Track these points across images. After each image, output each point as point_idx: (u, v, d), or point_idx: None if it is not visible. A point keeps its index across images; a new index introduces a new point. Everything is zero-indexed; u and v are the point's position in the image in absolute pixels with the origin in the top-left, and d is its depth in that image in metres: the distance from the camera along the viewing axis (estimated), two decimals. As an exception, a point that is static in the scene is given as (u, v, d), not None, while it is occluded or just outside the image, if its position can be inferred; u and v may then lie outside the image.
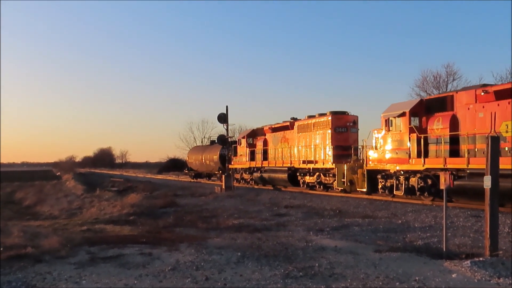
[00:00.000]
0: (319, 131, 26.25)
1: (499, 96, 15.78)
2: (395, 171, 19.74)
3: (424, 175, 18.43)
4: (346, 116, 25.82)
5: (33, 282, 7.07)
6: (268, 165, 30.84)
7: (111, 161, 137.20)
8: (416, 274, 7.09)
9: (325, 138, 25.64)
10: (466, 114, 16.94)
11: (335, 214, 15.47)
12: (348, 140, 25.04)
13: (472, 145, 16.49)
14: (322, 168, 25.51)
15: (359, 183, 22.03)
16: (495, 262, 7.48)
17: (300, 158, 27.37)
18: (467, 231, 11.44)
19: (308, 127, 27.40)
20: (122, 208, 18.55)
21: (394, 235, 11.23)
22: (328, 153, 25.05)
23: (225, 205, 19.45)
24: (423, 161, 18.01)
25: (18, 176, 61.23)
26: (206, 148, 46.17)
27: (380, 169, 20.60)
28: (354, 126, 25.59)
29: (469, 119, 16.76)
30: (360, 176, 21.99)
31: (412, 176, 19.00)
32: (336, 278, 7.08)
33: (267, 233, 11.65)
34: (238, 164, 35.33)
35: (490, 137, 8.51)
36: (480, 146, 16.02)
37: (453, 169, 16.71)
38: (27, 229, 11.75)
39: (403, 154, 19.27)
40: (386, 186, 20.38)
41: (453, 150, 17.25)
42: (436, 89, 44.08)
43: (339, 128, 25.22)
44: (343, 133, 25.21)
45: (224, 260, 8.46)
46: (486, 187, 8.21)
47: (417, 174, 18.66)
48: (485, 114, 16.13)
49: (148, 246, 9.88)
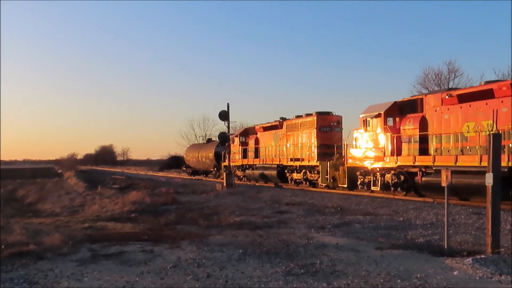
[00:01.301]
0: (305, 131, 27.91)
1: (461, 99, 17.33)
2: (372, 168, 21.21)
3: (397, 171, 19.83)
4: (330, 116, 27.39)
5: (35, 279, 7.09)
6: (259, 163, 32.55)
7: (113, 159, 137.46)
8: (418, 272, 7.09)
9: (311, 137, 27.26)
10: (433, 115, 18.52)
11: (337, 212, 15.47)
12: (332, 139, 26.55)
13: (439, 144, 18.06)
14: (308, 166, 27.10)
15: (341, 179, 23.33)
16: (497, 260, 7.48)
17: (288, 156, 29.03)
18: (468, 229, 11.44)
19: (295, 127, 29.05)
20: (124, 206, 18.57)
21: (396, 233, 11.23)
22: (314, 151, 26.64)
23: (226, 203, 19.47)
24: (396, 159, 19.59)
25: (20, 173, 61.30)
26: (202, 146, 47.23)
27: (358, 166, 22.09)
28: (338, 126, 27.19)
29: (436, 120, 18.34)
30: (341, 173, 23.34)
31: (387, 173, 20.40)
32: (337, 275, 7.09)
33: (268, 231, 11.66)
34: (231, 161, 36.05)
35: (492, 134, 8.49)
36: (445, 145, 17.74)
37: (422, 166, 18.24)
38: (29, 227, 11.78)
39: (379, 152, 20.82)
40: (365, 182, 21.85)
41: (423, 149, 18.74)
42: (438, 87, 43.96)
43: (323, 127, 26.88)
44: (328, 133, 26.86)
45: (226, 257, 8.47)
46: (488, 184, 8.20)
47: (391, 171, 20.12)
48: (450, 116, 17.77)
49: (150, 243, 9.90)
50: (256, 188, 27.51)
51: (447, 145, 17.71)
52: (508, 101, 15.53)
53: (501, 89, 15.95)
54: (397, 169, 19.75)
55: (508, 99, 15.55)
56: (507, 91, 15.69)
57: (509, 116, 15.45)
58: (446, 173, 9.02)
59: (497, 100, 15.99)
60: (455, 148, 17.43)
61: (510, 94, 15.61)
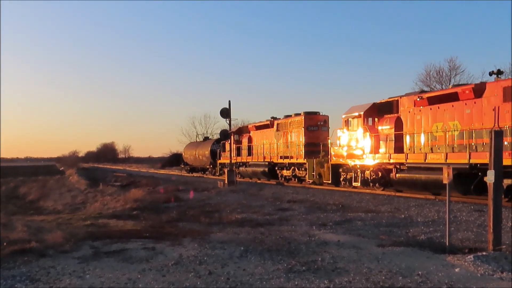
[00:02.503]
0: (294, 130, 29.30)
1: (431, 101, 18.63)
2: (353, 165, 22.60)
3: (376, 168, 21.14)
4: (318, 116, 28.76)
5: (37, 277, 7.10)
6: (252, 160, 33.89)
7: (114, 156, 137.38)
8: (419, 269, 7.09)
9: (299, 136, 28.61)
10: (407, 116, 19.92)
11: (338, 209, 15.47)
12: (319, 137, 27.58)
13: (412, 143, 19.42)
14: (296, 163, 28.50)
15: (326, 176, 24.81)
16: (498, 257, 7.48)
17: (278, 154, 30.43)
18: (470, 226, 11.42)
19: (285, 126, 30.39)
20: (125, 203, 18.61)
21: (397, 230, 11.22)
22: (301, 149, 27.95)
23: (228, 200, 19.47)
24: (374, 157, 21.02)
25: (21, 171, 61.40)
26: (199, 144, 48.15)
27: (341, 163, 23.62)
28: (325, 125, 28.55)
29: (410, 120, 19.74)
30: (326, 170, 24.85)
31: (366, 170, 21.78)
32: (339, 272, 7.09)
33: (270, 228, 11.66)
34: (226, 159, 37.49)
35: (494, 131, 8.47)
36: (418, 143, 19.09)
37: (397, 163, 19.77)
38: (31, 224, 11.80)
39: (359, 150, 22.18)
40: (347, 179, 23.24)
41: (398, 147, 20.06)
42: (439, 84, 43.89)
43: (311, 127, 28.22)
44: (315, 131, 28.15)
45: (227, 254, 8.48)
46: (489, 182, 8.19)
47: (370, 168, 21.48)
48: (421, 117, 19.11)
49: (151, 240, 9.90)
50: (257, 186, 27.53)
51: (419, 144, 19.02)
52: (471, 103, 16.85)
53: (464, 93, 17.18)
54: (375, 166, 21.10)
55: (471, 102, 16.85)
56: (470, 95, 16.91)
57: (471, 117, 16.82)
58: (448, 170, 9.02)
59: (462, 103, 17.30)
60: (425, 146, 18.74)
61: (472, 97, 16.80)
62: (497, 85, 16.14)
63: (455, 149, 17.36)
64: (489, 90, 16.37)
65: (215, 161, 41.21)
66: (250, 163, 34.19)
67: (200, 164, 46.41)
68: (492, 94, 16.19)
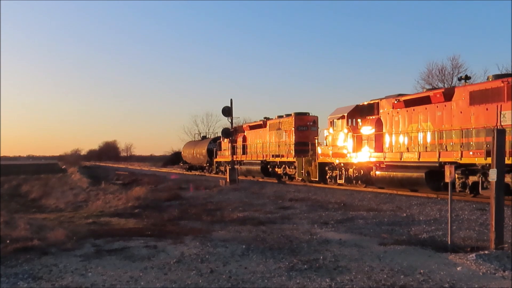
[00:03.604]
0: (285, 129, 30.67)
1: (407, 104, 19.84)
2: (337, 163, 24.00)
3: (358, 167, 22.48)
4: (307, 116, 30.23)
5: (40, 274, 7.12)
6: (246, 159, 35.19)
7: (116, 154, 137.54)
8: (421, 267, 7.09)
9: (290, 135, 30.01)
10: (387, 117, 21.09)
11: (340, 207, 15.46)
12: (308, 137, 28.78)
13: (391, 143, 20.62)
14: (287, 161, 29.98)
15: (313, 173, 26.10)
16: (500, 255, 7.46)
17: (271, 153, 31.92)
18: (472, 224, 11.40)
19: (277, 126, 31.85)
20: (127, 201, 18.62)
21: (399, 228, 11.21)
22: (292, 148, 29.35)
23: (229, 198, 19.48)
24: (356, 156, 22.26)
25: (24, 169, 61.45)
26: (197, 143, 49.64)
27: (327, 162, 24.97)
28: (314, 125, 29.94)
29: (389, 122, 20.89)
30: (314, 168, 26.16)
31: (350, 168, 23.15)
32: (340, 271, 7.09)
33: (271, 226, 11.67)
34: (222, 157, 39.60)
35: (496, 130, 8.45)
36: (396, 143, 20.32)
37: (377, 162, 21.05)
38: (33, 222, 11.82)
39: (342, 149, 23.50)
40: (333, 176, 24.66)
41: (379, 147, 21.25)
42: (442, 82, 43.75)
43: (301, 127, 29.63)
44: (304, 131, 29.52)
45: (229, 252, 8.49)
46: (492, 180, 8.17)
47: (353, 166, 22.81)
48: (399, 118, 20.34)
49: (153, 238, 9.92)
50: (259, 184, 27.54)
51: (397, 144, 20.30)
52: (442, 106, 18.11)
53: (436, 96, 18.38)
54: (357, 164, 22.45)
55: (442, 105, 18.09)
56: (440, 98, 18.11)
57: (442, 119, 18.04)
58: (450, 169, 9.00)
59: (433, 105, 18.52)
60: (402, 146, 19.98)
61: (443, 101, 18.04)
62: (464, 90, 17.32)
63: (428, 149, 18.54)
64: (457, 94, 17.53)
65: (211, 160, 42.64)
66: (245, 161, 35.33)
67: (198, 162, 47.74)
68: (460, 98, 17.35)
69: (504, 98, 15.41)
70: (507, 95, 15.28)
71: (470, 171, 16.51)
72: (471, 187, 16.50)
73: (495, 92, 15.86)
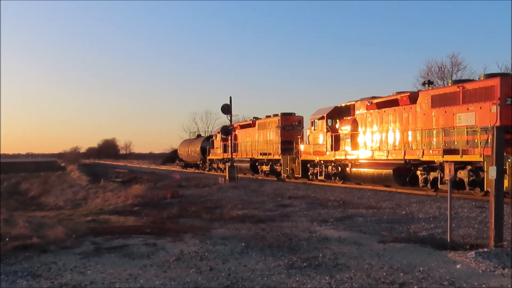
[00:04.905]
0: (272, 129, 32.53)
1: (378, 106, 21.42)
2: (318, 161, 25.69)
3: (336, 164, 24.17)
4: (293, 117, 32.09)
5: (39, 272, 7.11)
6: (237, 157, 36.34)
7: (115, 152, 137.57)
8: (420, 265, 7.09)
9: (276, 135, 31.80)
10: (361, 118, 22.66)
11: (339, 205, 15.46)
12: (294, 136, 29.89)
13: (364, 142, 22.23)
14: (273, 159, 31.82)
15: (297, 170, 27.57)
16: (500, 253, 7.47)
17: (259, 151, 33.93)
18: (471, 222, 11.40)
19: (265, 125, 33.75)
20: (126, 199, 18.62)
21: (398, 226, 11.21)
22: (278, 146, 31.17)
23: (229, 196, 19.47)
24: (334, 154, 23.92)
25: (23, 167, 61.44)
26: (192, 142, 51.78)
27: (309, 159, 26.63)
28: (299, 125, 31.57)
29: (363, 122, 22.48)
30: (297, 165, 27.65)
31: (329, 165, 24.83)
32: (340, 268, 7.09)
33: (271, 224, 11.66)
34: (214, 155, 41.79)
35: (496, 128, 8.44)
36: (369, 143, 21.87)
37: (352, 160, 22.67)
38: (33, 220, 11.81)
39: (322, 148, 25.24)
40: (314, 173, 26.16)
41: (354, 145, 22.91)
42: (441, 80, 43.72)
43: (286, 126, 31.40)
44: (290, 131, 31.16)
45: (228, 250, 8.48)
46: (491, 178, 8.16)
47: (332, 163, 24.53)
48: (372, 119, 21.94)
49: (153, 236, 9.92)
50: (258, 182, 27.59)
51: (370, 143, 21.90)
52: (408, 108, 19.75)
53: (403, 99, 20.00)
54: (335, 162, 24.14)
55: (408, 107, 19.77)
56: (406, 101, 19.76)
57: (408, 120, 19.72)
58: (450, 167, 9.00)
59: (401, 108, 20.18)
60: (374, 145, 21.56)
61: (408, 103, 19.69)
62: (427, 94, 19.09)
63: (396, 148, 20.27)
64: (421, 98, 19.25)
65: (205, 157, 44.53)
66: (236, 159, 36.37)
67: (193, 160, 49.47)
68: (423, 101, 19.05)
69: (460, 101, 17.19)
70: (462, 99, 17.07)
71: (431, 167, 18.21)
72: (432, 182, 18.11)
73: (452, 96, 17.59)
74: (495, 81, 16.03)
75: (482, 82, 16.85)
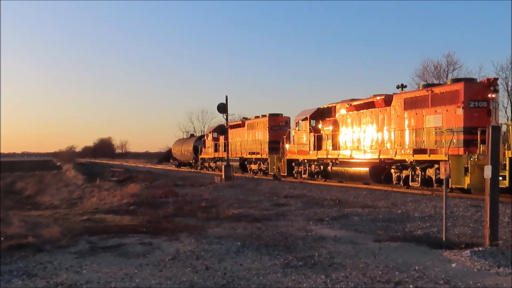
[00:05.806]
0: (261, 129, 33.67)
1: (357, 108, 22.76)
2: (301, 160, 26.87)
3: (319, 163, 25.39)
4: (280, 117, 33.31)
5: (34, 271, 7.09)
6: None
7: (111, 151, 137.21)
8: (416, 264, 7.11)
9: (264, 135, 32.95)
10: (342, 119, 24.02)
11: (335, 204, 15.48)
12: (281, 136, 30.77)
13: (344, 142, 23.55)
14: (261, 158, 32.88)
15: (283, 169, 28.79)
16: (495, 252, 7.49)
17: (248, 150, 35.04)
18: (467, 221, 11.45)
19: (254, 125, 34.95)
20: (122, 198, 18.56)
21: (394, 225, 11.24)
22: (266, 146, 32.17)
23: (225, 195, 19.47)
24: (317, 153, 25.12)
25: (18, 166, 61.22)
26: (185, 141, 52.72)
27: (293, 158, 27.85)
28: (286, 125, 32.56)
29: (344, 123, 23.79)
30: (283, 164, 28.92)
31: (312, 164, 25.96)
32: (335, 267, 7.10)
33: (267, 223, 11.66)
34: (205, 154, 43.16)
35: (492, 127, 8.47)
36: (348, 142, 23.17)
37: (332, 159, 23.91)
38: (28, 219, 11.78)
39: (306, 147, 26.43)
40: (298, 171, 27.38)
41: (335, 145, 24.11)
42: (437, 79, 43.79)
43: (274, 127, 32.52)
44: (277, 131, 32.16)
45: (224, 249, 8.48)
46: (487, 177, 8.19)
47: (314, 162, 25.70)
48: (351, 120, 23.23)
49: (148, 235, 9.90)
50: (254, 181, 27.61)
51: (349, 143, 23.12)
52: (383, 110, 20.95)
53: (378, 102, 21.21)
54: (318, 160, 25.35)
55: (383, 109, 20.95)
56: (382, 103, 20.96)
57: (383, 121, 20.92)
58: (445, 166, 9.01)
59: (377, 110, 21.39)
60: (353, 145, 22.76)
61: (383, 106, 20.86)
62: (400, 96, 20.13)
63: (372, 148, 21.36)
64: (395, 100, 20.40)
65: (197, 156, 45.80)
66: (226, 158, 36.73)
67: (186, 159, 50.66)
68: (397, 103, 20.24)
69: (429, 104, 18.36)
70: (431, 102, 18.24)
71: (403, 166, 19.41)
72: (404, 180, 19.39)
73: (422, 99, 18.79)
74: (460, 86, 17.24)
75: (449, 86, 18.21)
